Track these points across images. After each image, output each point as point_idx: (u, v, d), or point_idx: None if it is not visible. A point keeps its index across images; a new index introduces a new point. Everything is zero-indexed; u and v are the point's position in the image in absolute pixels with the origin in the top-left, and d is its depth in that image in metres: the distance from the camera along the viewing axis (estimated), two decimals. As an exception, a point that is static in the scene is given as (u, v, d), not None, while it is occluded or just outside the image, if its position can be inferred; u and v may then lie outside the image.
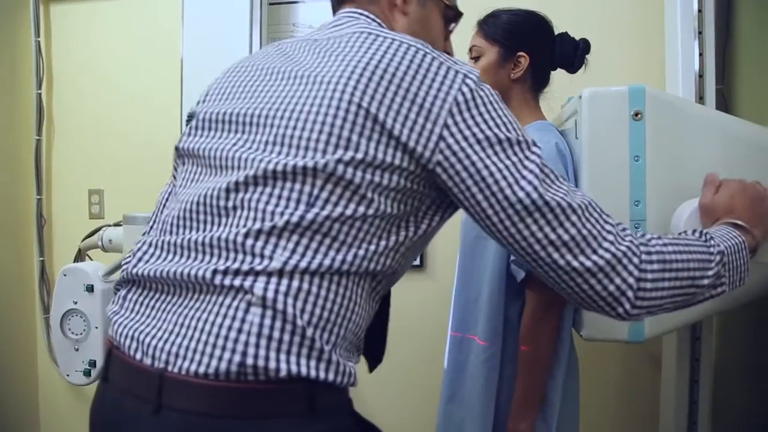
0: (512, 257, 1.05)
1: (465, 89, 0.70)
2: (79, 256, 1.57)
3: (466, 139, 0.69)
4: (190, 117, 0.85)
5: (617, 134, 0.96)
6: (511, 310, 1.09)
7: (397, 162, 0.69)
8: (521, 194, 0.68)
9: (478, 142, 0.69)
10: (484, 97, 0.71)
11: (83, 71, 2.09)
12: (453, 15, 0.91)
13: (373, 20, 0.81)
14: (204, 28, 1.79)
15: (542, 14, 1.21)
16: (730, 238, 0.77)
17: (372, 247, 0.70)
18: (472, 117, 0.70)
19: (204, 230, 0.71)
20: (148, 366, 0.67)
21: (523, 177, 0.69)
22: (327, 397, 0.66)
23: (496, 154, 0.69)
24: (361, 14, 0.82)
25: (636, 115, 0.96)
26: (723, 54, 1.43)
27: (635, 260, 0.71)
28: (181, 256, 0.72)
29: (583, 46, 1.21)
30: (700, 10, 1.37)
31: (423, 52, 0.71)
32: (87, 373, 1.24)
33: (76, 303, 1.24)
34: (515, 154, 0.70)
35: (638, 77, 1.56)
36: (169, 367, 0.65)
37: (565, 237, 0.69)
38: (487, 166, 0.69)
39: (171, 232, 0.75)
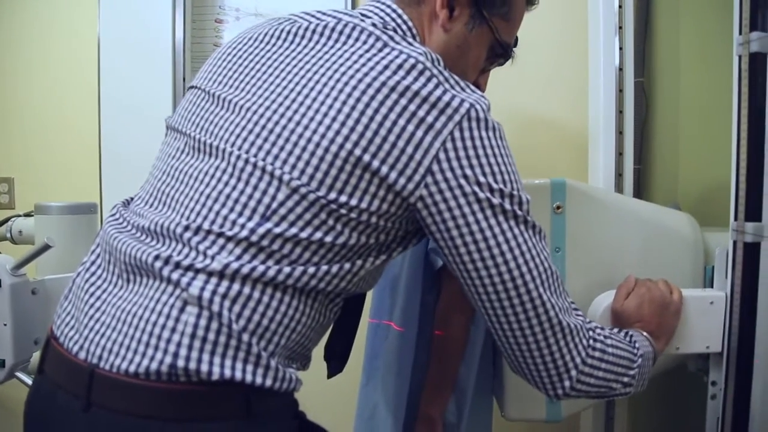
0: (430, 245, 1.06)
1: (465, 123, 0.65)
2: (-15, 248, 1.47)
3: (456, 178, 0.65)
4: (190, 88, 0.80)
5: None
6: (428, 298, 1.10)
7: (373, 208, 0.65)
8: (508, 256, 0.67)
9: (469, 184, 0.65)
10: (485, 139, 0.66)
11: (-12, 50, 1.95)
12: (501, 53, 0.83)
13: (404, 22, 0.74)
14: (123, 6, 1.70)
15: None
16: (645, 346, 0.81)
17: (325, 267, 0.66)
18: (468, 157, 0.65)
19: (160, 211, 0.69)
20: (81, 361, 0.64)
21: (506, 239, 0.67)
22: (265, 402, 0.64)
23: (479, 202, 0.66)
24: (390, 10, 0.75)
25: (557, 208, 0.99)
26: (643, 48, 1.49)
27: (584, 342, 0.72)
28: (135, 231, 0.70)
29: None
30: (620, 6, 1.42)
31: (429, 72, 0.66)
32: (-5, 374, 1.16)
33: (-19, 299, 1.15)
34: (502, 209, 0.66)
35: (562, 72, 1.60)
36: (101, 363, 0.62)
37: (545, 296, 0.69)
38: (473, 212, 0.66)
39: (138, 203, 0.74)
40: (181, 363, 0.60)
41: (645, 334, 0.84)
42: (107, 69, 1.70)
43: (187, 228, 0.65)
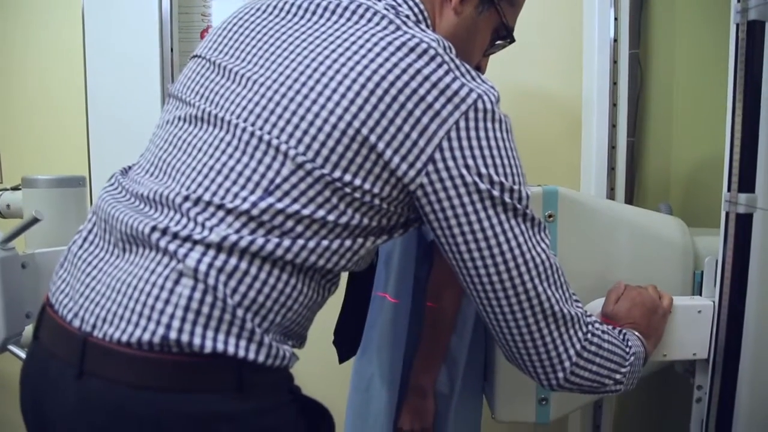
0: None
1: (471, 114, 0.65)
2: (-27, 222, 1.46)
3: (457, 168, 0.65)
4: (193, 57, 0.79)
5: None
6: (421, 270, 1.10)
7: (377, 190, 0.65)
8: (504, 247, 0.67)
9: (470, 174, 0.65)
10: (489, 130, 0.66)
11: (-30, 20, 1.90)
12: (505, 35, 0.84)
13: (416, 4, 0.74)
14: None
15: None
16: (637, 345, 0.82)
17: (325, 243, 0.66)
18: (471, 148, 0.65)
19: (160, 180, 0.68)
20: (75, 329, 0.64)
21: (503, 230, 0.67)
22: (257, 376, 0.64)
23: (479, 192, 0.65)
24: None
25: (549, 216, 0.99)
26: (638, 19, 1.48)
27: (580, 334, 0.73)
28: (134, 200, 0.69)
29: None
30: (616, -24, 1.40)
31: (440, 59, 0.65)
32: (-15, 348, 1.15)
33: (-30, 273, 1.14)
34: (502, 201, 0.66)
35: (557, 43, 1.59)
36: (95, 332, 0.62)
37: (540, 288, 0.69)
38: (472, 203, 0.66)
39: (137, 171, 0.73)
40: (173, 335, 0.60)
41: (637, 334, 0.85)
42: (93, 40, 1.66)
43: (186, 198, 0.64)
